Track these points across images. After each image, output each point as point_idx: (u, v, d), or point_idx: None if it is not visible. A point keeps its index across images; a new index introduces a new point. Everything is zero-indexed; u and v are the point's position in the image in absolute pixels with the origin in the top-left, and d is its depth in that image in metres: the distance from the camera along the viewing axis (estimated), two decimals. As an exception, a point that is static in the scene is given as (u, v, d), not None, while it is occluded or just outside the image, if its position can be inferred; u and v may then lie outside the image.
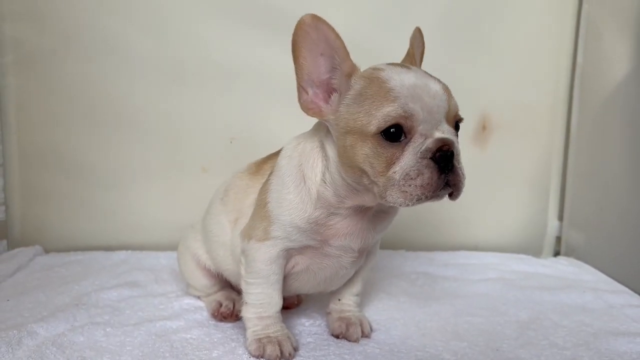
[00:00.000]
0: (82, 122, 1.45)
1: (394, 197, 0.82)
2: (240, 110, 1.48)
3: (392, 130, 0.80)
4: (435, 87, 0.82)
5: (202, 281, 1.14)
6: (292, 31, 1.43)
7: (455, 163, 0.81)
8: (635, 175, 1.32)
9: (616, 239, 1.40)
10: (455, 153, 0.81)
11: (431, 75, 0.85)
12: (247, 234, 0.97)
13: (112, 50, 1.42)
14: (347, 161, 0.85)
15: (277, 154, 1.06)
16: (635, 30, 1.32)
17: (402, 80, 0.82)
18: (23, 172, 1.45)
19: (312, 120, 0.99)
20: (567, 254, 1.61)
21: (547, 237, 1.64)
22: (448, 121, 0.84)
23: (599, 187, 1.47)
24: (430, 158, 0.80)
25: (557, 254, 1.65)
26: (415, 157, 0.80)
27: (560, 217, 1.63)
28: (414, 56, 0.96)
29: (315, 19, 0.83)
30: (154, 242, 1.50)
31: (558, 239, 1.65)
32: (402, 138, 0.81)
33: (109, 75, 1.43)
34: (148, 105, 1.46)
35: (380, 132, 0.81)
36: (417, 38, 0.96)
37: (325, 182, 0.89)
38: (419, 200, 0.81)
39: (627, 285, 1.34)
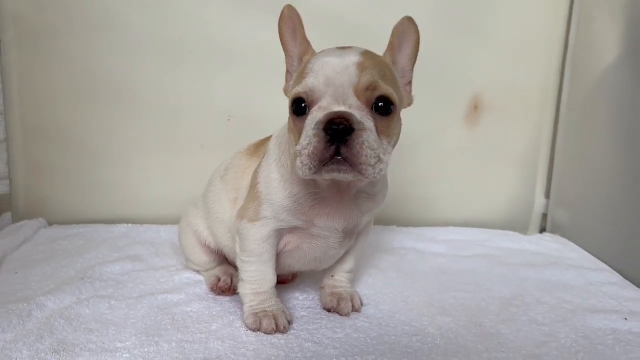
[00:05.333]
0: (83, 98, 1.47)
1: (297, 166, 0.85)
2: (238, 89, 1.51)
3: (295, 104, 0.86)
4: (344, 62, 0.85)
5: (201, 257, 1.19)
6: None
7: (354, 137, 0.81)
8: (620, 157, 1.36)
9: (599, 218, 1.45)
10: (355, 128, 0.81)
11: (359, 53, 0.87)
12: (241, 214, 1.02)
13: (112, 27, 1.44)
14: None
15: None
16: (625, 15, 1.34)
17: (320, 58, 0.87)
18: (26, 147, 1.48)
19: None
20: (553, 231, 1.67)
21: (534, 214, 1.69)
22: (358, 96, 0.84)
23: (585, 167, 1.52)
24: (323, 129, 0.81)
25: (543, 230, 1.70)
26: (310, 128, 0.83)
27: (547, 195, 1.68)
28: (394, 45, 0.96)
29: (290, 9, 0.94)
30: (154, 215, 1.55)
31: (544, 216, 1.70)
32: (307, 112, 0.85)
33: (109, 52, 1.45)
34: (147, 82, 1.48)
35: (291, 107, 0.87)
36: (406, 28, 0.96)
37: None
38: (310, 169, 0.83)
39: (608, 263, 1.39)
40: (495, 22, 1.56)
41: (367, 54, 0.89)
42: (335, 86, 0.84)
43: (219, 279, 1.15)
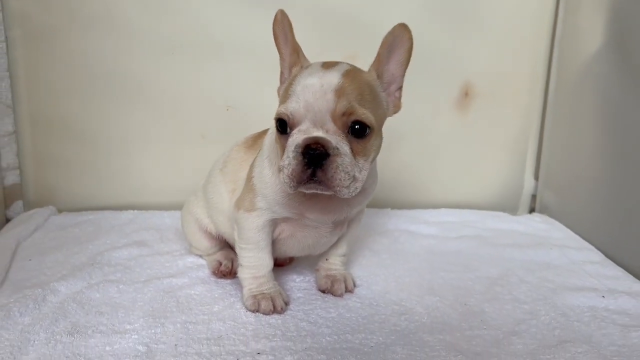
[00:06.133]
0: (88, 93, 1.53)
1: (280, 181, 0.93)
2: (235, 81, 1.56)
3: (278, 123, 0.93)
4: (323, 87, 0.89)
5: (203, 243, 1.25)
6: (284, 8, 1.53)
7: (329, 162, 0.88)
8: (604, 141, 1.41)
9: (585, 199, 1.51)
10: (331, 153, 0.88)
11: (340, 75, 0.91)
12: (238, 205, 1.08)
13: (113, 25, 1.49)
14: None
15: None
16: (607, 7, 1.39)
17: (304, 79, 0.92)
18: (34, 139, 1.54)
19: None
20: (541, 211, 1.73)
21: (523, 195, 1.75)
22: (335, 120, 0.90)
23: (571, 151, 1.57)
24: (301, 153, 0.88)
25: (532, 210, 1.77)
26: (290, 150, 0.90)
27: (536, 177, 1.75)
28: (382, 57, 0.99)
29: (282, 14, 0.99)
30: (158, 202, 1.61)
31: (534, 197, 1.76)
32: (289, 131, 0.92)
33: (111, 49, 1.50)
34: (149, 76, 1.53)
35: (276, 124, 0.93)
36: (398, 35, 0.97)
37: None
38: (291, 187, 0.91)
39: (591, 242, 1.45)
40: (485, 11, 1.59)
41: (348, 74, 0.92)
42: (314, 112, 0.89)
43: (220, 264, 1.22)
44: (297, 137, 0.90)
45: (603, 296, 1.16)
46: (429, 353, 0.94)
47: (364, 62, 1.55)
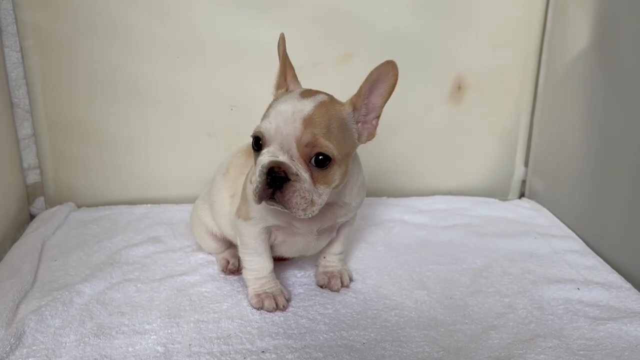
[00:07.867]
0: (100, 96, 1.60)
1: (249, 191, 1.03)
2: (238, 82, 1.62)
3: (254, 140, 1.01)
4: (294, 115, 0.96)
5: (211, 245, 1.33)
6: (282, 11, 1.60)
7: (288, 186, 0.96)
8: (590, 132, 1.48)
9: (569, 187, 1.59)
10: (291, 179, 0.96)
11: (313, 106, 0.97)
12: (237, 213, 1.16)
13: (120, 32, 1.55)
14: None
15: None
16: (594, 7, 1.43)
17: (280, 104, 0.99)
18: (52, 141, 1.63)
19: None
20: (530, 197, 1.81)
21: (514, 180, 1.83)
22: (299, 148, 0.96)
23: (559, 141, 1.64)
24: (265, 173, 0.96)
25: (522, 195, 1.85)
26: (258, 168, 0.98)
27: (526, 164, 1.82)
28: (363, 91, 1.02)
29: (281, 37, 1.08)
30: (169, 195, 1.71)
31: (524, 183, 1.85)
32: (261, 149, 1.00)
33: (120, 54, 1.56)
34: (157, 79, 1.60)
35: (252, 140, 1.01)
36: (384, 72, 1.00)
37: None
38: (255, 200, 1.00)
39: (574, 229, 1.53)
40: (477, 7, 1.64)
41: (321, 106, 0.99)
42: (282, 136, 0.97)
43: (228, 262, 1.30)
44: (264, 158, 0.98)
45: (578, 288, 1.22)
46: (415, 349, 1.03)
47: (359, 61, 1.64)
